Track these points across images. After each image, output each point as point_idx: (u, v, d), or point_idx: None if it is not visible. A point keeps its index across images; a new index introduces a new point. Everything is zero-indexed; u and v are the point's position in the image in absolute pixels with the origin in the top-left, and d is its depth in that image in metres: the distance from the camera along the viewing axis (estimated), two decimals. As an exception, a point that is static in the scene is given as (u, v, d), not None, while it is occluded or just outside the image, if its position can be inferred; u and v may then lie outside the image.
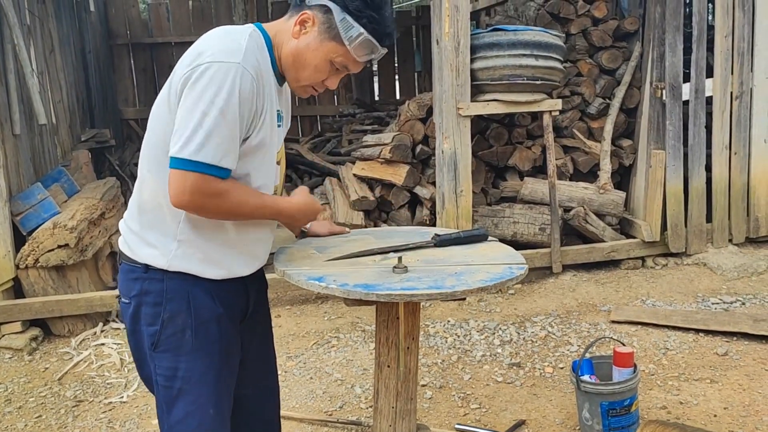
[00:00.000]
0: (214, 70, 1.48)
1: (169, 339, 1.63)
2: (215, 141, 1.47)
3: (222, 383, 1.69)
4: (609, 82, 4.76)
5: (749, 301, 3.91)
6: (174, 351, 1.64)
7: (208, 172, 1.48)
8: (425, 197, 4.46)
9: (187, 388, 1.65)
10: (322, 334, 3.75)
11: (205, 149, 1.47)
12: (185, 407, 1.65)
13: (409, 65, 8.70)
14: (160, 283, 1.62)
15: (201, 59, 1.51)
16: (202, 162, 1.47)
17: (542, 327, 3.71)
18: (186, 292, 1.63)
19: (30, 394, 3.27)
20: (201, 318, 1.64)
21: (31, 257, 3.77)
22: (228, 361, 1.71)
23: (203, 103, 1.47)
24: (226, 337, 1.69)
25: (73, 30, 6.49)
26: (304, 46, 1.61)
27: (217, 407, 1.68)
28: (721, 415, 2.80)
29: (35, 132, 4.72)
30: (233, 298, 1.72)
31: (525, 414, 2.89)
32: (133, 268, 1.65)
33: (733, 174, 4.59)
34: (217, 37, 1.56)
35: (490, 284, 1.64)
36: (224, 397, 1.71)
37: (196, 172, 1.48)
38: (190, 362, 1.64)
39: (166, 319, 1.62)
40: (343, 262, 1.82)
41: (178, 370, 1.64)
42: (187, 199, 1.50)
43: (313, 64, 1.62)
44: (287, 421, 2.89)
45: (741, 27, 4.46)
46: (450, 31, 4.02)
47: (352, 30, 1.59)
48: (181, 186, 1.49)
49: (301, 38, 1.61)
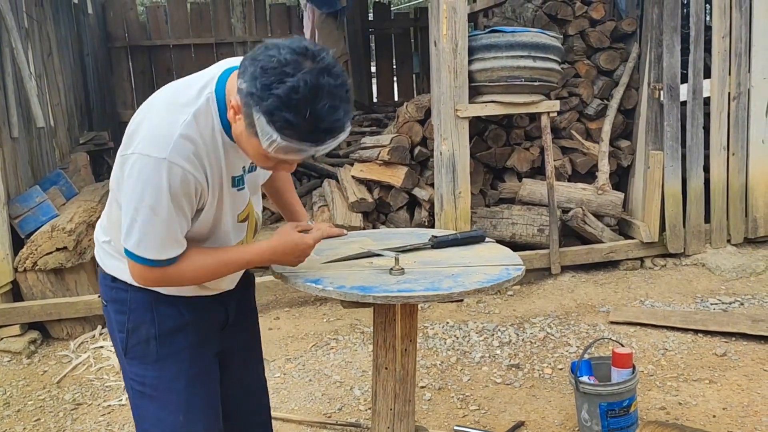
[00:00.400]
0: (140, 165, 1.42)
1: (135, 348, 1.65)
2: (150, 238, 1.46)
3: (194, 389, 1.68)
4: (607, 83, 4.77)
5: (748, 302, 3.91)
6: (141, 359, 1.65)
7: (151, 265, 1.49)
8: (424, 199, 4.46)
9: (156, 395, 1.66)
10: (320, 336, 3.75)
11: (143, 245, 1.46)
12: (155, 413, 1.67)
13: (407, 67, 8.71)
14: (125, 293, 1.64)
15: (132, 146, 1.45)
16: (143, 256, 1.48)
17: (541, 328, 3.71)
18: (149, 303, 1.63)
19: (29, 397, 3.26)
20: (165, 327, 1.64)
21: (29, 260, 3.77)
22: (200, 366, 1.69)
23: (134, 199, 1.44)
24: (196, 344, 1.68)
25: (71, 33, 6.49)
26: (239, 134, 1.44)
27: (188, 413, 1.66)
28: (720, 416, 2.80)
29: (33, 135, 4.71)
30: (204, 308, 1.69)
31: (524, 415, 2.89)
32: (104, 275, 1.69)
33: (731, 174, 4.59)
34: (156, 116, 1.47)
35: (487, 285, 1.64)
36: (198, 402, 1.69)
37: (141, 264, 1.49)
38: (157, 371, 1.65)
39: (130, 329, 1.64)
40: (340, 264, 1.82)
41: (146, 378, 1.66)
42: (142, 283, 1.55)
43: (251, 154, 1.47)
44: (286, 423, 2.89)
45: (738, 28, 4.47)
46: (448, 32, 4.02)
47: (266, 132, 1.35)
48: (133, 271, 1.53)
49: (236, 124, 1.42)
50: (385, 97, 8.68)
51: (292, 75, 1.30)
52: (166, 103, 1.49)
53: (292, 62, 1.31)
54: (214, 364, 1.75)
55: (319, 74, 1.32)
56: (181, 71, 8.30)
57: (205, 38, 8.22)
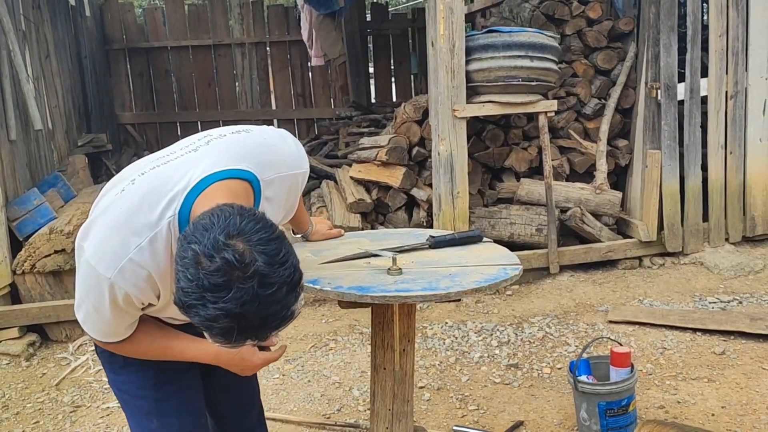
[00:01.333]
0: (85, 271, 1.40)
1: (102, 354, 1.65)
2: (93, 326, 1.48)
3: (165, 394, 1.65)
4: (604, 82, 4.77)
5: (746, 300, 3.92)
6: (109, 365, 1.66)
7: (97, 339, 1.52)
8: (422, 199, 4.47)
9: (129, 400, 1.67)
10: (319, 337, 3.75)
11: (87, 327, 1.50)
12: (132, 418, 1.69)
13: (405, 68, 8.71)
14: None
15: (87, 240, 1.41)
16: (89, 332, 1.51)
17: (540, 328, 3.71)
18: None
19: (27, 399, 3.26)
20: None
21: (27, 263, 3.77)
22: (170, 370, 1.64)
23: (81, 291, 1.45)
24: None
25: (68, 35, 6.49)
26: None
27: (161, 418, 1.64)
28: (718, 414, 2.80)
29: (31, 137, 4.71)
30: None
31: (523, 415, 2.89)
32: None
33: (729, 173, 4.59)
34: (111, 226, 1.39)
35: (485, 285, 1.64)
36: (172, 407, 1.65)
37: (89, 335, 1.53)
38: (126, 375, 1.65)
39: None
40: (337, 264, 1.82)
41: (116, 382, 1.67)
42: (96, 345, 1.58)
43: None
44: (285, 424, 2.89)
45: (735, 27, 4.47)
46: (445, 33, 4.02)
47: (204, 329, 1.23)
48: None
49: None
50: (383, 98, 8.68)
51: (214, 302, 1.15)
52: (126, 212, 1.39)
53: (212, 287, 1.16)
54: (190, 367, 1.69)
55: (243, 293, 1.15)
56: (178, 73, 8.31)
57: (202, 40, 8.22)
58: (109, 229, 1.39)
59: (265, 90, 8.53)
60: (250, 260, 1.16)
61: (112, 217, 1.40)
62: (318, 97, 8.56)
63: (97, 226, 1.41)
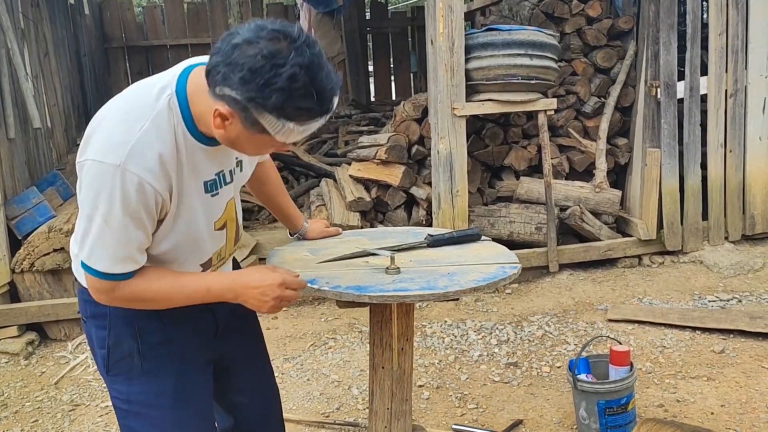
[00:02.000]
0: (93, 172, 1.35)
1: (118, 364, 1.57)
2: (102, 250, 1.40)
3: (183, 403, 1.62)
4: (604, 81, 4.77)
5: (746, 299, 3.92)
6: (125, 375, 1.58)
7: (103, 278, 1.42)
8: (421, 198, 4.46)
9: (143, 411, 1.59)
10: (319, 335, 3.75)
11: (95, 257, 1.40)
12: (143, 429, 1.60)
13: (404, 66, 8.71)
14: (104, 307, 1.54)
15: (86, 153, 1.38)
16: (93, 268, 1.41)
17: (539, 326, 3.71)
18: (130, 317, 1.55)
19: (26, 398, 3.26)
20: (148, 341, 1.57)
21: (26, 261, 3.77)
22: (188, 379, 1.63)
23: (87, 207, 1.38)
24: (180, 356, 1.61)
25: (67, 33, 6.48)
26: (235, 137, 1.39)
27: (177, 428, 1.61)
28: (718, 413, 2.80)
29: (30, 136, 4.71)
30: (188, 318, 1.60)
31: (522, 413, 2.89)
32: (82, 289, 1.58)
33: (728, 172, 4.59)
34: (111, 121, 1.39)
35: (483, 284, 1.64)
36: (188, 417, 1.63)
37: (93, 276, 1.43)
38: (143, 386, 1.58)
39: (111, 345, 1.56)
40: (335, 263, 1.82)
41: (131, 394, 1.59)
42: (96, 298, 1.47)
43: (252, 150, 1.46)
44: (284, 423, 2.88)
45: (735, 25, 4.47)
46: (444, 31, 4.02)
47: (278, 126, 1.33)
48: (88, 283, 1.46)
49: (228, 129, 1.37)
50: (382, 96, 8.68)
51: (284, 65, 1.26)
52: (122, 108, 1.41)
53: (276, 52, 1.26)
54: (205, 374, 1.68)
55: (302, 50, 1.28)
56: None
57: (202, 38, 8.21)
58: (110, 128, 1.38)
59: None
60: (288, 32, 1.29)
61: (109, 119, 1.40)
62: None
63: (97, 134, 1.39)
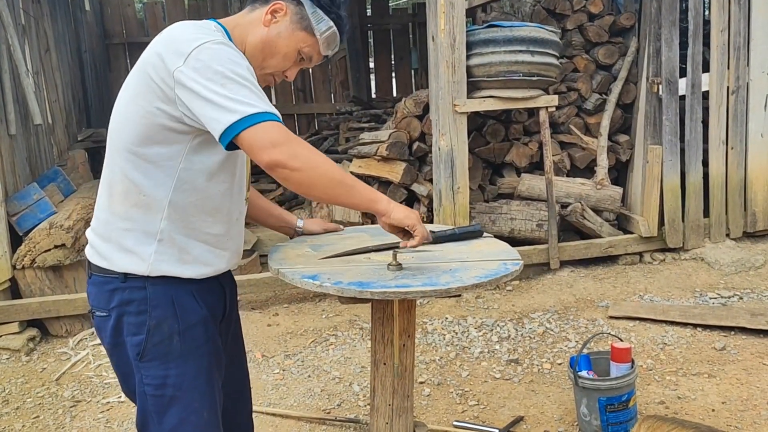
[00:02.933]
0: (205, 49, 1.45)
1: (156, 347, 1.59)
2: (252, 97, 1.43)
3: (213, 385, 1.67)
4: (605, 77, 4.76)
5: (747, 296, 3.91)
6: (162, 358, 1.60)
7: (277, 119, 1.43)
8: (422, 194, 4.46)
9: (179, 394, 1.61)
10: (320, 332, 3.75)
11: (249, 102, 1.42)
12: (178, 414, 1.61)
13: (405, 63, 8.69)
14: (142, 291, 1.58)
15: (184, 52, 1.45)
16: (255, 112, 1.40)
17: (540, 323, 3.71)
18: (170, 296, 1.59)
19: (27, 394, 3.26)
20: (187, 322, 1.61)
21: (27, 258, 3.77)
22: (216, 362, 1.69)
23: (215, 76, 1.42)
24: (212, 338, 1.66)
25: (68, 29, 6.47)
26: (275, 35, 1.63)
27: (210, 410, 1.65)
28: (719, 410, 2.80)
29: (31, 132, 4.71)
30: (213, 299, 1.70)
31: (523, 410, 2.89)
32: (108, 279, 1.60)
33: (729, 169, 4.59)
34: (187, 30, 1.53)
35: (485, 281, 1.64)
36: (216, 398, 1.69)
37: (261, 123, 1.41)
38: (180, 367, 1.61)
39: (152, 327, 1.58)
40: (337, 260, 1.82)
41: (168, 378, 1.60)
42: (275, 150, 1.41)
43: (283, 52, 1.65)
44: (285, 419, 2.89)
45: (737, 21, 4.46)
46: (445, 27, 4.01)
47: (323, 23, 1.65)
48: (261, 139, 1.40)
49: (272, 27, 1.63)
50: (383, 93, 8.66)
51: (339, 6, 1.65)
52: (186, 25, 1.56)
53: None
54: (223, 361, 1.74)
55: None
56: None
57: (202, 34, 8.19)
58: (189, 29, 1.52)
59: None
60: None
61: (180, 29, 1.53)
62: (318, 92, 8.54)
63: (176, 41, 1.48)
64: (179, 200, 1.57)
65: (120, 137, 1.56)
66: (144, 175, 1.54)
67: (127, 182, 1.56)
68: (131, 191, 1.56)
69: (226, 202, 1.64)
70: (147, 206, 1.56)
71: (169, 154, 1.54)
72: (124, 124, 1.55)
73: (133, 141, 1.54)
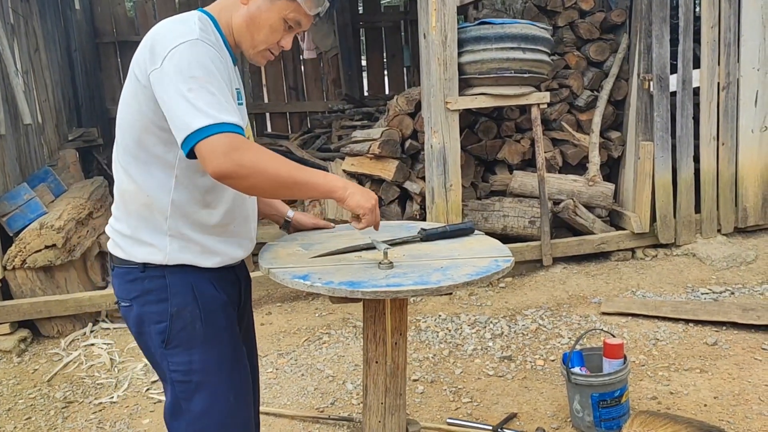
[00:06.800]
0: (178, 52, 1.47)
1: (180, 333, 1.63)
2: (214, 103, 1.45)
3: (237, 369, 1.72)
4: (597, 74, 4.77)
5: (738, 291, 3.93)
6: (186, 345, 1.64)
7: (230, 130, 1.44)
8: (415, 192, 4.46)
9: (204, 379, 1.65)
10: (313, 330, 3.74)
11: (210, 111, 1.44)
12: (206, 398, 1.66)
13: (397, 60, 8.68)
14: (161, 279, 1.62)
15: (160, 54, 1.49)
16: (214, 123, 1.42)
17: (533, 320, 3.71)
18: (189, 283, 1.63)
19: (19, 396, 3.24)
20: (208, 307, 1.65)
21: (18, 258, 3.74)
22: (236, 346, 1.73)
23: (182, 82, 1.45)
24: (232, 323, 1.71)
25: (58, 28, 6.43)
26: (256, 9, 1.63)
27: (237, 393, 1.70)
28: (711, 405, 2.81)
29: (21, 132, 4.68)
30: (230, 287, 1.74)
31: (516, 407, 2.89)
32: (128, 270, 1.65)
33: (721, 164, 4.60)
34: (167, 30, 1.55)
35: (476, 278, 1.63)
36: (242, 381, 1.73)
37: (219, 133, 1.43)
38: (204, 353, 1.65)
39: (174, 314, 1.62)
40: (328, 258, 1.81)
41: (192, 363, 1.64)
42: (222, 161, 1.43)
43: (268, 24, 1.64)
44: (278, 418, 2.89)
45: (727, 18, 4.47)
46: (437, 25, 4.01)
47: None
48: (210, 151, 1.43)
49: (251, 3, 1.63)
50: (375, 91, 8.65)
51: None
52: (167, 25, 1.56)
53: None
54: (242, 347, 1.78)
55: None
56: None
57: (193, 33, 8.15)
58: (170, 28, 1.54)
59: (258, 83, 8.48)
60: None
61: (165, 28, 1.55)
62: (310, 91, 8.52)
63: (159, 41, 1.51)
64: (180, 198, 1.61)
65: (122, 139, 1.62)
66: (146, 177, 1.59)
67: (133, 184, 1.61)
68: (137, 192, 1.61)
69: (222, 193, 1.65)
70: (153, 206, 1.60)
71: (164, 154, 1.58)
72: (124, 127, 1.61)
73: (132, 143, 1.59)
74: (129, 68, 1.60)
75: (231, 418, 1.69)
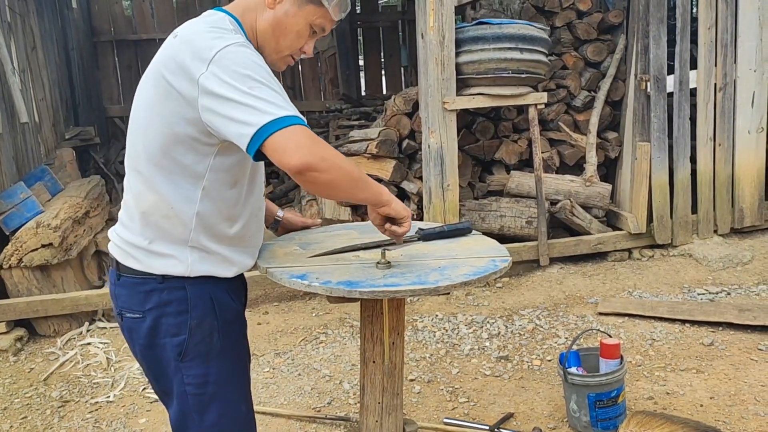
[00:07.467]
0: (228, 54, 1.43)
1: (198, 345, 1.61)
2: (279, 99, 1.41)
3: (248, 379, 1.75)
4: (594, 74, 4.77)
5: (734, 291, 3.94)
6: (203, 357, 1.62)
7: (302, 123, 1.41)
8: (412, 192, 4.46)
9: (220, 391, 1.64)
10: (310, 330, 3.74)
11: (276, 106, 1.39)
12: (218, 410, 1.65)
13: (395, 60, 8.68)
14: (181, 291, 1.59)
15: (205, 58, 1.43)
16: (284, 115, 1.38)
17: (530, 320, 3.72)
18: (208, 295, 1.62)
19: (15, 395, 3.24)
20: (226, 319, 1.65)
21: (14, 257, 3.73)
22: (248, 356, 1.76)
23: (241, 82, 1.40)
24: (245, 333, 1.74)
25: (55, 27, 6.42)
26: (283, 14, 1.59)
27: (247, 404, 1.72)
28: (707, 405, 2.82)
29: (17, 131, 4.67)
30: (241, 294, 1.77)
31: (513, 407, 2.90)
32: (144, 280, 1.59)
33: (717, 165, 4.61)
34: (205, 32, 1.50)
35: (474, 278, 1.64)
36: (250, 392, 1.76)
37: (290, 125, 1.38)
38: (221, 365, 1.64)
39: (193, 326, 1.60)
40: (326, 258, 1.81)
41: (209, 375, 1.63)
42: (305, 152, 1.37)
43: (295, 30, 1.61)
44: (275, 418, 2.89)
45: (724, 18, 4.48)
46: (435, 25, 4.01)
47: None
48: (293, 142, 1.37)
49: (278, 7, 1.59)
50: (373, 91, 8.65)
51: None
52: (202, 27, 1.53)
53: None
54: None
55: None
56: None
57: (191, 32, 8.14)
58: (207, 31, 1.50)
59: (255, 83, 8.46)
60: None
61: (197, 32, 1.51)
62: (308, 90, 8.52)
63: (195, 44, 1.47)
64: (204, 210, 1.57)
65: (145, 147, 1.54)
66: (170, 187, 1.54)
67: (154, 194, 1.55)
68: (159, 203, 1.55)
69: (246, 205, 1.66)
70: (176, 218, 1.56)
71: (194, 164, 1.53)
72: (146, 135, 1.54)
73: (158, 151, 1.52)
74: (150, 72, 1.53)
75: (243, 428, 1.70)
